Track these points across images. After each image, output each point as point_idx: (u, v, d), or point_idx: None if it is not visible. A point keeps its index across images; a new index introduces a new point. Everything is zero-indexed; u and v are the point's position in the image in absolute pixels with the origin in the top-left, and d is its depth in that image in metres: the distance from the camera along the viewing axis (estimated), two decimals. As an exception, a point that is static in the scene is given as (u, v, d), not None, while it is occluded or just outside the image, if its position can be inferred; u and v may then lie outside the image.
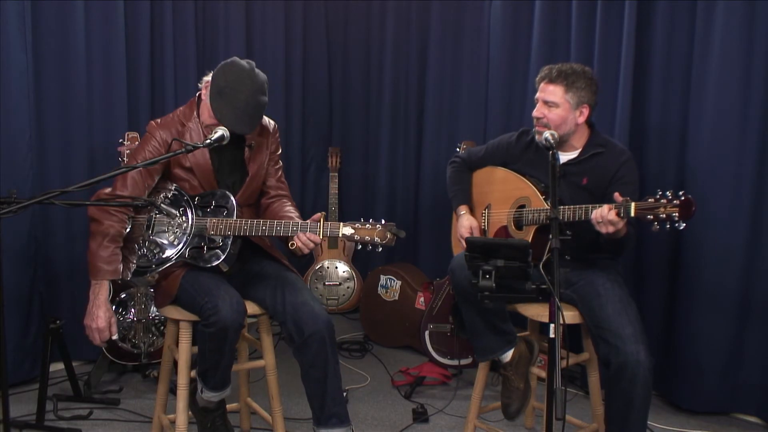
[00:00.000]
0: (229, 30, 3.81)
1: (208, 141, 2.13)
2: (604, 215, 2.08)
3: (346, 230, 2.09)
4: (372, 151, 4.36)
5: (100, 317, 2.20)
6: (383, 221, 2.11)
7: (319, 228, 2.11)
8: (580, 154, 2.42)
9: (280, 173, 2.51)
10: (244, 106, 2.18)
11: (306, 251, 2.19)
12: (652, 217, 1.99)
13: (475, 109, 3.79)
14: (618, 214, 2.06)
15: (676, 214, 1.96)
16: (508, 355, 2.40)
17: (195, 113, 2.34)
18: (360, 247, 2.13)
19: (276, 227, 2.16)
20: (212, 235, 2.21)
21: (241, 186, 2.36)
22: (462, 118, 3.88)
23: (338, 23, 4.37)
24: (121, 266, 2.21)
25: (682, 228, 1.97)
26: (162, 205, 2.21)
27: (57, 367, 3.02)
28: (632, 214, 2.04)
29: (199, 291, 2.15)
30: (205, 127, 2.30)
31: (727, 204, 2.72)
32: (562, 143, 2.40)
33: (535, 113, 2.41)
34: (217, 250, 2.21)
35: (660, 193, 2.00)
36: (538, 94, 2.42)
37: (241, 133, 2.25)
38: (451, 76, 3.93)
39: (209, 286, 2.15)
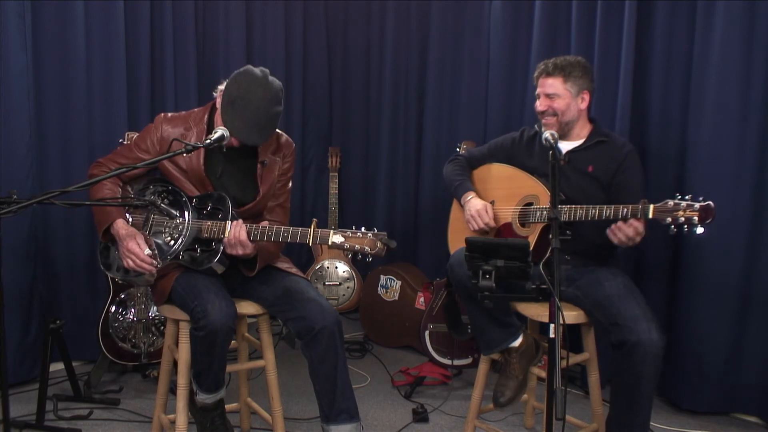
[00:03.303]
0: (229, 30, 3.81)
1: (208, 141, 2.11)
2: (630, 236, 2.13)
3: (337, 238, 2.05)
4: (372, 151, 4.36)
5: (130, 253, 2.14)
6: (375, 230, 2.07)
7: (310, 234, 2.08)
8: (585, 141, 2.48)
9: (283, 198, 2.43)
10: (256, 117, 2.14)
11: (233, 246, 2.15)
12: (670, 219, 2.02)
13: (475, 109, 3.79)
14: (634, 215, 2.10)
15: (696, 217, 1.99)
16: (517, 341, 2.39)
17: (205, 118, 2.32)
18: (350, 255, 2.11)
19: (268, 233, 2.14)
20: (206, 237, 2.20)
21: (248, 203, 2.33)
22: (462, 118, 3.88)
23: (338, 23, 4.37)
24: (122, 211, 2.24)
25: (698, 233, 2.00)
26: (162, 205, 2.21)
27: (57, 367, 3.02)
28: (650, 215, 2.07)
29: (189, 294, 2.15)
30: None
31: (728, 203, 2.72)
32: (567, 131, 2.46)
33: (540, 107, 2.48)
34: (210, 253, 2.21)
35: (679, 196, 2.04)
36: (538, 90, 2.49)
37: (252, 144, 2.22)
38: (451, 76, 3.92)
39: (200, 289, 2.14)
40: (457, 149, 3.24)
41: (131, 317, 3.02)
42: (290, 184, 2.47)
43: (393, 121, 4.22)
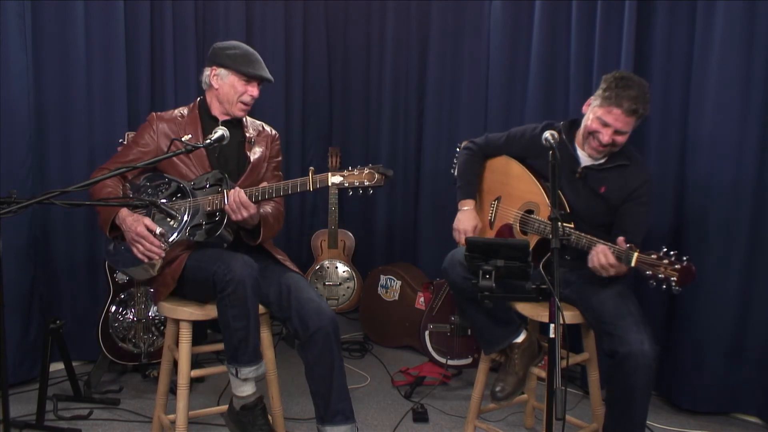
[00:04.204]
0: (229, 30, 3.81)
1: (208, 141, 2.16)
2: (603, 263, 2.10)
3: (335, 179, 2.10)
4: (372, 151, 4.36)
5: (138, 238, 2.18)
6: (370, 165, 2.12)
7: (309, 181, 2.12)
8: (606, 161, 2.38)
9: (275, 181, 2.49)
10: (257, 56, 2.39)
11: (236, 211, 2.18)
12: (651, 273, 2.01)
13: (475, 109, 3.79)
14: (617, 257, 2.08)
15: (675, 278, 1.98)
16: (519, 338, 2.39)
17: (196, 109, 2.43)
18: (351, 192, 2.13)
19: (269, 190, 2.18)
20: (210, 210, 2.23)
21: (241, 174, 2.39)
22: (462, 118, 3.88)
23: (338, 23, 4.37)
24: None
25: (675, 292, 2.00)
26: (162, 205, 2.20)
27: (57, 367, 3.02)
28: (632, 264, 2.05)
29: (208, 260, 2.18)
30: (223, 122, 2.39)
31: (727, 203, 2.73)
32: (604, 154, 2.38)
33: (605, 139, 2.27)
34: (215, 224, 2.23)
35: (664, 250, 2.02)
36: (607, 118, 2.25)
37: (271, 80, 2.42)
38: (451, 76, 3.92)
39: (218, 253, 2.20)
40: (457, 149, 3.23)
41: (131, 317, 3.02)
42: (281, 172, 2.56)
43: (393, 121, 4.22)
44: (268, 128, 2.57)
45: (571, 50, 3.17)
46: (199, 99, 2.48)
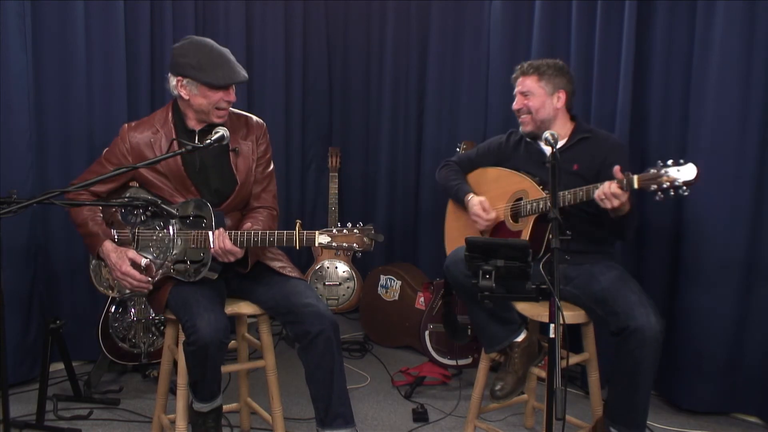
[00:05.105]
0: (229, 30, 3.81)
1: (208, 141, 2.12)
2: (606, 191, 2.14)
3: (323, 239, 2.05)
4: (372, 151, 4.36)
5: (124, 276, 2.16)
6: (360, 225, 2.07)
7: (295, 237, 2.07)
8: (568, 140, 2.51)
9: (266, 182, 2.39)
10: (224, 58, 2.21)
11: (224, 258, 2.15)
12: (656, 186, 2.04)
13: (475, 109, 3.79)
14: (620, 188, 2.12)
15: (680, 181, 2.01)
16: (520, 337, 2.40)
17: (170, 117, 2.30)
18: (339, 253, 2.10)
19: (254, 238, 2.13)
20: (194, 248, 2.18)
21: (230, 193, 2.31)
22: (462, 118, 3.88)
23: (338, 23, 4.38)
24: (108, 230, 2.24)
25: (686, 194, 2.02)
26: (162, 205, 2.19)
27: (57, 367, 3.02)
28: (635, 186, 2.09)
29: (181, 307, 2.14)
30: (199, 131, 2.28)
31: (728, 203, 2.72)
32: (545, 129, 2.44)
33: (515, 106, 2.57)
34: (200, 264, 2.18)
35: (660, 163, 2.05)
36: (515, 90, 2.58)
37: (245, 79, 2.25)
38: (451, 76, 3.93)
39: (190, 302, 2.12)
40: (457, 149, 3.24)
41: (131, 317, 3.02)
42: (272, 166, 2.44)
43: (393, 121, 4.23)
44: (254, 120, 2.40)
45: (571, 50, 3.17)
46: (172, 104, 2.33)
